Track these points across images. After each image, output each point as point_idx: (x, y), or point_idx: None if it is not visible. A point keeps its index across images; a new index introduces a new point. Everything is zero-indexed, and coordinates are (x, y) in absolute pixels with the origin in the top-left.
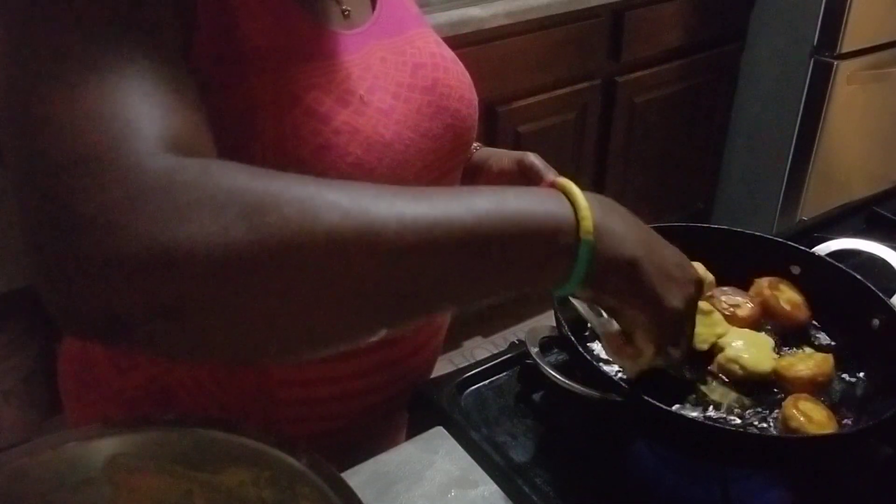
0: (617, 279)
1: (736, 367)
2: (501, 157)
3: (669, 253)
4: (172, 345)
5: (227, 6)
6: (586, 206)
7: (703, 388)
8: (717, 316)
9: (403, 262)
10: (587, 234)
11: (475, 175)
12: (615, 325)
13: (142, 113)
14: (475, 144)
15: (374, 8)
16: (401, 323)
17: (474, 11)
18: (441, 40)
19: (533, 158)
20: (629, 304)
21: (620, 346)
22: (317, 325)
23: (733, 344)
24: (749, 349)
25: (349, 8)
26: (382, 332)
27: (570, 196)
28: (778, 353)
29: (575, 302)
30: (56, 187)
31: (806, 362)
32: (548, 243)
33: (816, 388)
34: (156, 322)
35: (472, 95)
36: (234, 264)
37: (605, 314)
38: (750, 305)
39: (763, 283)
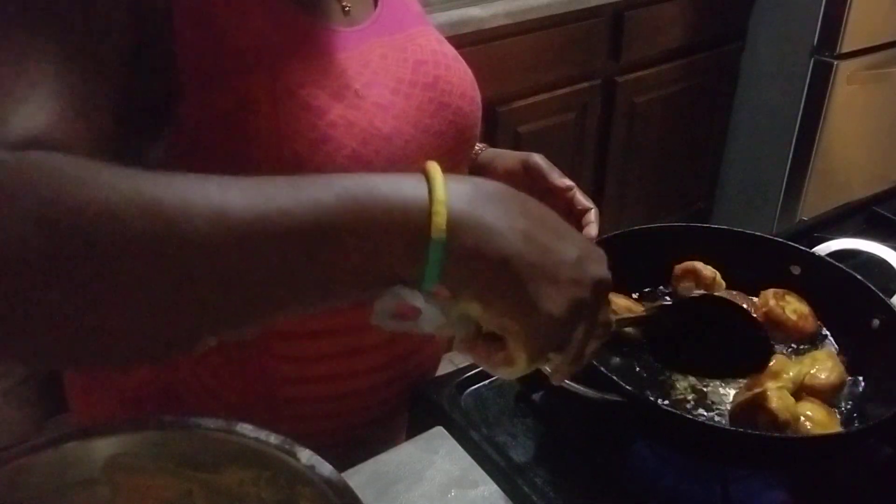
0: (479, 280)
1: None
2: (506, 157)
3: (560, 247)
4: None
5: (209, 10)
6: (442, 200)
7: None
8: None
9: (215, 261)
10: (438, 233)
11: (480, 176)
12: (470, 328)
13: (12, 102)
14: (480, 145)
15: (376, 6)
16: (231, 328)
17: (474, 11)
18: (443, 38)
19: (538, 159)
20: (496, 310)
21: (487, 352)
22: (129, 330)
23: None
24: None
25: (349, 5)
26: (212, 340)
27: (430, 183)
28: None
29: (427, 308)
30: None
31: (824, 370)
32: (394, 237)
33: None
34: None
35: (474, 93)
36: (27, 268)
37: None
38: (754, 315)
39: (769, 295)
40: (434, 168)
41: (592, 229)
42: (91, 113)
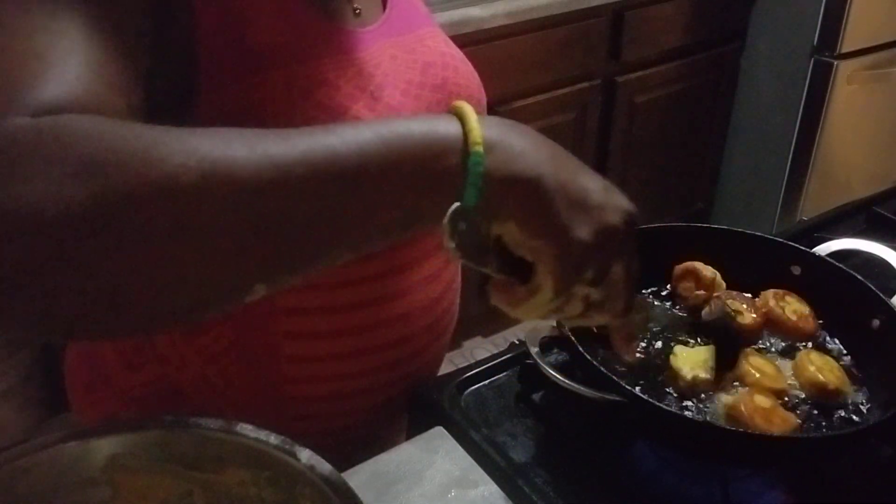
0: (514, 199)
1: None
2: None
3: (586, 177)
4: (22, 318)
5: (233, 5)
6: (475, 121)
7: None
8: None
9: (265, 202)
10: (475, 146)
11: None
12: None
13: (44, 67)
14: None
15: (384, 7)
16: (282, 275)
17: (474, 11)
18: (450, 40)
19: None
20: (529, 230)
21: (512, 288)
22: (176, 284)
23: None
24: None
25: (360, 7)
26: (261, 290)
27: (460, 114)
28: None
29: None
30: None
31: (825, 371)
32: (434, 161)
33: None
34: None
35: (480, 95)
36: (69, 224)
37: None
38: (753, 316)
39: (769, 295)
40: (462, 103)
41: None
42: (121, 86)
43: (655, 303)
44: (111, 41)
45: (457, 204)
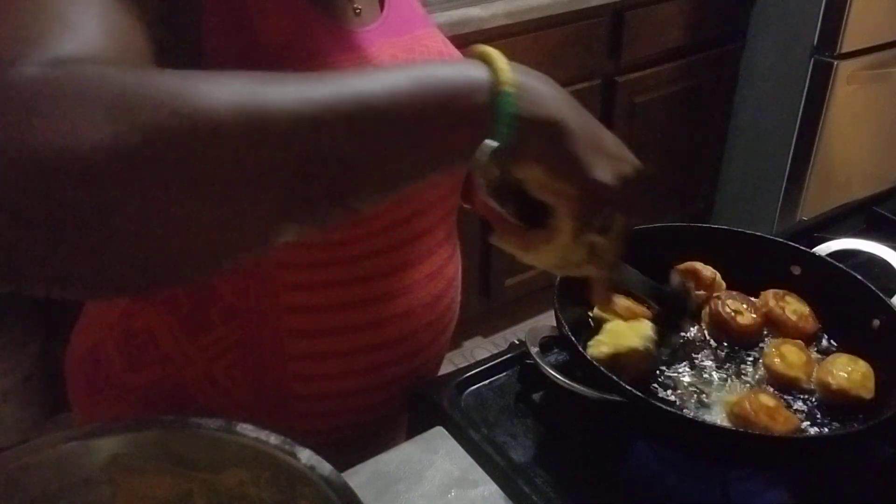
0: (541, 140)
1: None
2: None
3: (602, 130)
4: (66, 270)
5: (238, 3)
6: (504, 63)
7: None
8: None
9: (303, 141)
10: (506, 86)
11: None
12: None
13: (62, 26)
14: None
15: (382, 7)
16: (315, 215)
17: (474, 11)
18: (447, 40)
19: None
20: (554, 171)
21: (527, 233)
22: (214, 223)
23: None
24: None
25: (360, 6)
26: (294, 230)
27: (487, 58)
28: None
29: (485, 189)
30: None
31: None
32: (464, 99)
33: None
34: (38, 245)
35: None
36: (103, 165)
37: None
38: (753, 316)
39: (769, 295)
40: (488, 48)
41: None
42: (138, 53)
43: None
44: (128, 12)
45: (493, 143)
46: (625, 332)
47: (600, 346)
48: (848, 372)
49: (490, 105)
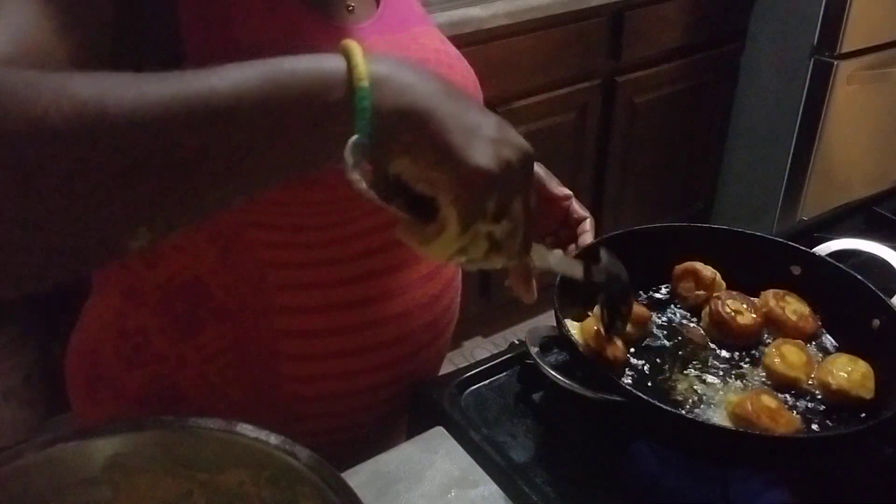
0: (405, 132)
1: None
2: None
3: (481, 115)
4: None
5: (215, 5)
6: (360, 57)
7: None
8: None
9: (139, 140)
10: (359, 81)
11: None
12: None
13: None
14: None
15: (378, 4)
16: (165, 218)
17: (474, 11)
18: (445, 38)
19: (536, 167)
20: (425, 162)
21: (420, 226)
22: (56, 223)
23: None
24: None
25: (353, 3)
26: (145, 234)
27: (346, 52)
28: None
29: (361, 185)
30: None
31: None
32: (317, 96)
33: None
34: None
35: (477, 92)
36: None
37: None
38: (753, 316)
39: (769, 295)
40: (350, 42)
41: (588, 238)
42: (75, 29)
43: (554, 250)
44: (53, 17)
45: (354, 137)
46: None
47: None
48: (848, 372)
49: (345, 101)
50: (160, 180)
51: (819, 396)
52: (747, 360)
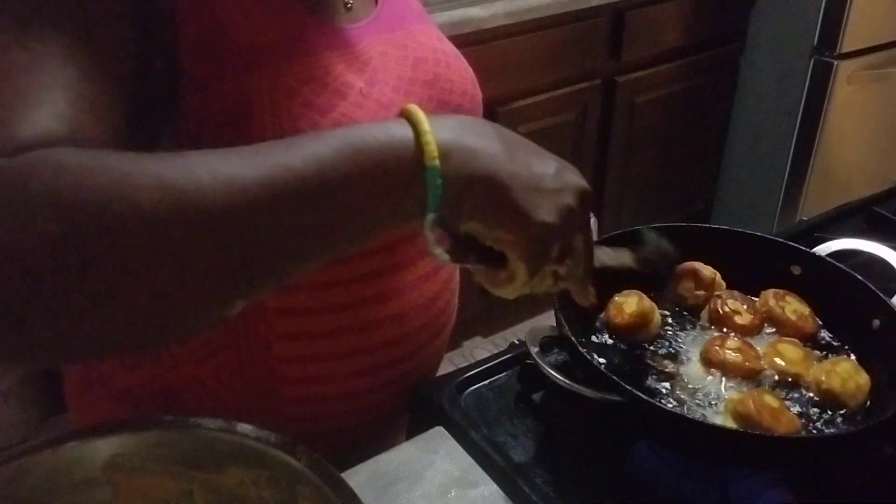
0: (474, 198)
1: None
2: None
3: (539, 163)
4: (9, 351)
5: (212, 7)
6: (428, 131)
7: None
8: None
9: (232, 225)
10: (431, 160)
11: None
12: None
13: (24, 105)
14: None
15: (376, 2)
16: (258, 289)
17: (474, 11)
18: (443, 36)
19: None
20: (493, 224)
21: (492, 274)
22: (159, 308)
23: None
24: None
25: (351, 1)
26: (241, 304)
27: (413, 122)
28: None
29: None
30: None
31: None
32: (392, 172)
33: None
34: None
35: (475, 91)
36: (48, 261)
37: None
38: (751, 316)
39: (769, 295)
40: (414, 108)
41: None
42: (102, 112)
43: (599, 247)
44: (90, 65)
45: (431, 215)
46: (630, 298)
47: (623, 310)
48: (843, 379)
49: (416, 175)
50: (249, 259)
51: (814, 394)
52: None
